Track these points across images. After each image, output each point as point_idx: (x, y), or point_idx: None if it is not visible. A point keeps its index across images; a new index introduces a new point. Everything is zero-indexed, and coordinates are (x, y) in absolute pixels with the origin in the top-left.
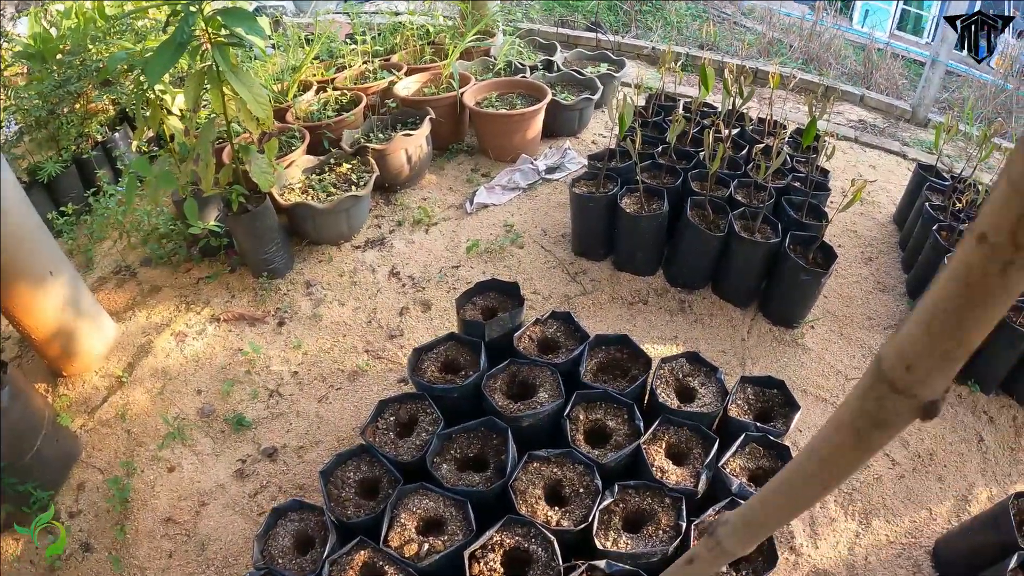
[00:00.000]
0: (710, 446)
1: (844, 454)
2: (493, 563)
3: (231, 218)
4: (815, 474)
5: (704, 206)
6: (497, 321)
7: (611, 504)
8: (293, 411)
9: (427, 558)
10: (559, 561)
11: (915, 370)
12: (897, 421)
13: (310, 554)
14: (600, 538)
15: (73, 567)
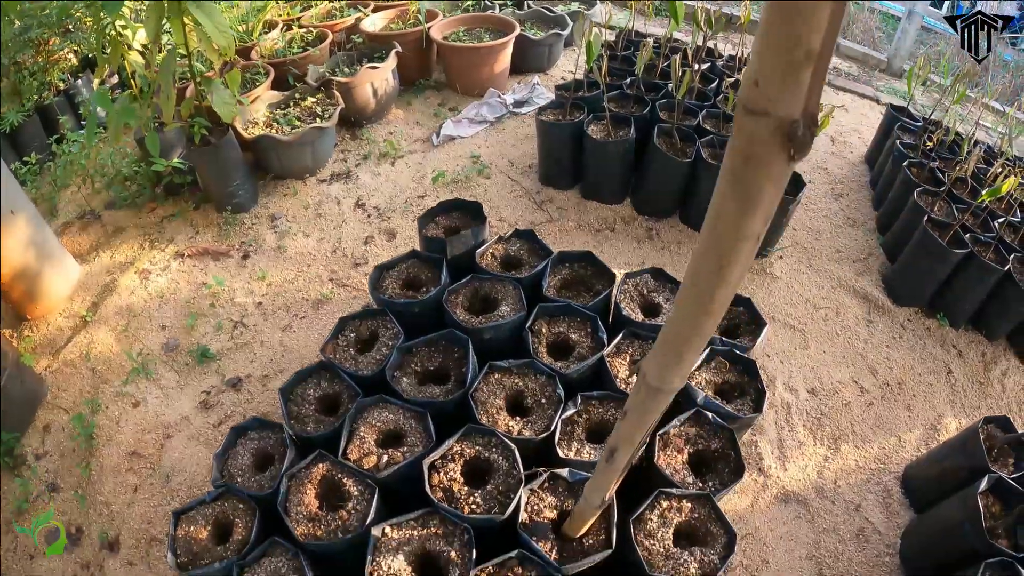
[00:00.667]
0: None
1: (729, 218)
2: (453, 472)
3: (194, 151)
4: (710, 252)
5: (671, 134)
6: (459, 238)
7: (574, 415)
8: (257, 341)
9: (386, 469)
10: (520, 469)
11: (764, 85)
12: (764, 152)
13: (269, 470)
14: (563, 447)
15: (40, 508)
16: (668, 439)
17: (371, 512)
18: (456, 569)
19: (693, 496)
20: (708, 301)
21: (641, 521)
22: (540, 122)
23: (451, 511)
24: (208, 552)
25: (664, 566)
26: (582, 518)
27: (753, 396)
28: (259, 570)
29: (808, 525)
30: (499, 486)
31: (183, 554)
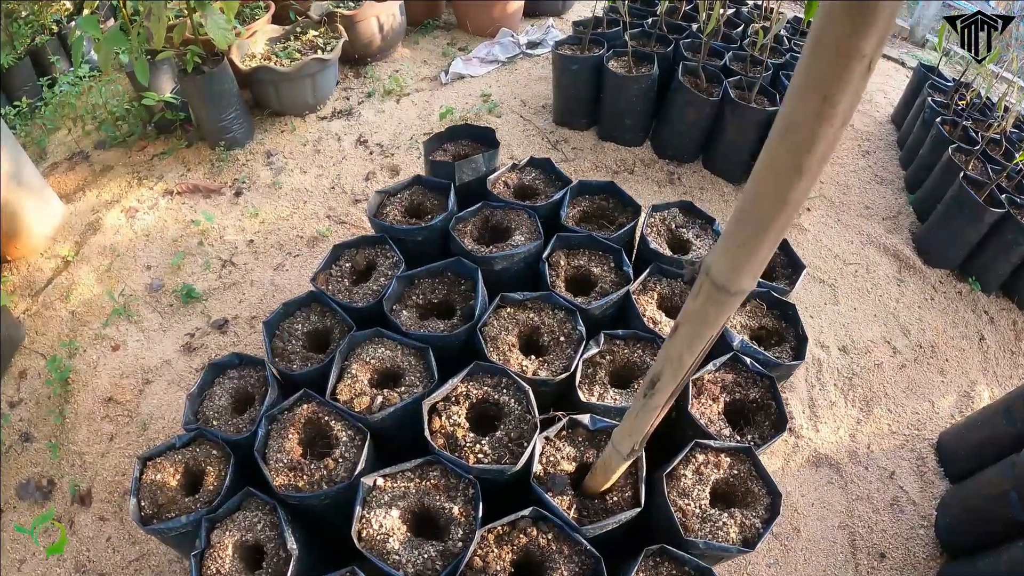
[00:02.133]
0: None
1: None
2: (457, 416)
3: (186, 80)
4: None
5: (697, 73)
6: (469, 162)
7: (596, 355)
8: (247, 280)
9: (380, 411)
10: (535, 413)
11: None
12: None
13: (248, 412)
14: (583, 391)
15: (12, 459)
16: (702, 386)
17: (361, 460)
18: (459, 529)
19: (732, 450)
20: (791, 178)
21: (674, 477)
22: (557, 55)
23: (454, 460)
24: (175, 503)
25: (700, 529)
26: (607, 470)
27: (793, 343)
28: (231, 525)
29: (841, 492)
30: (510, 433)
31: (148, 505)
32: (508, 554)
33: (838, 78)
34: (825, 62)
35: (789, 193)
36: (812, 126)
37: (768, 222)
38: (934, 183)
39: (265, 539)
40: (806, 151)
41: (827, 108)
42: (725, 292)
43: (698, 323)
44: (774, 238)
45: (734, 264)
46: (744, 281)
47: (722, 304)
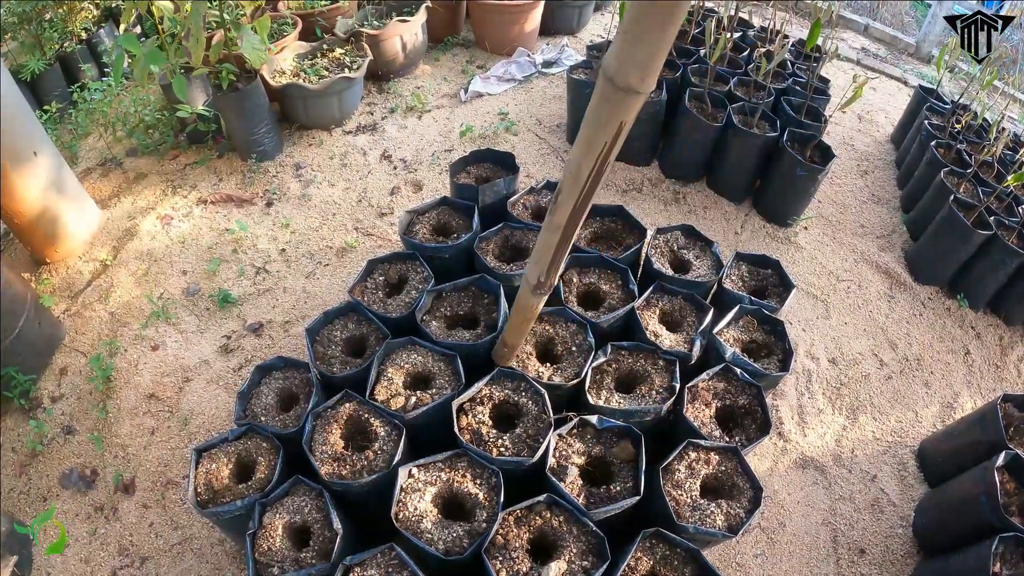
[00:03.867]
0: (704, 315)
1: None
2: (482, 415)
3: (220, 97)
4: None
5: (703, 98)
6: (491, 186)
7: (604, 364)
8: (280, 287)
9: (414, 410)
10: (550, 413)
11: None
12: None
13: (294, 410)
14: (592, 394)
15: (55, 450)
16: (696, 392)
17: (398, 453)
18: (484, 511)
19: (721, 449)
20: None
21: (669, 471)
22: (571, 79)
23: (480, 453)
24: (229, 490)
25: (691, 516)
26: (520, 310)
27: (780, 356)
28: (281, 508)
29: (825, 492)
30: (528, 430)
31: (203, 492)
32: (525, 533)
33: None
34: None
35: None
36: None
37: (649, 10)
38: (927, 204)
39: (312, 520)
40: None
41: None
42: (618, 89)
43: (594, 125)
44: (661, 25)
45: (628, 61)
46: (633, 77)
47: (615, 103)
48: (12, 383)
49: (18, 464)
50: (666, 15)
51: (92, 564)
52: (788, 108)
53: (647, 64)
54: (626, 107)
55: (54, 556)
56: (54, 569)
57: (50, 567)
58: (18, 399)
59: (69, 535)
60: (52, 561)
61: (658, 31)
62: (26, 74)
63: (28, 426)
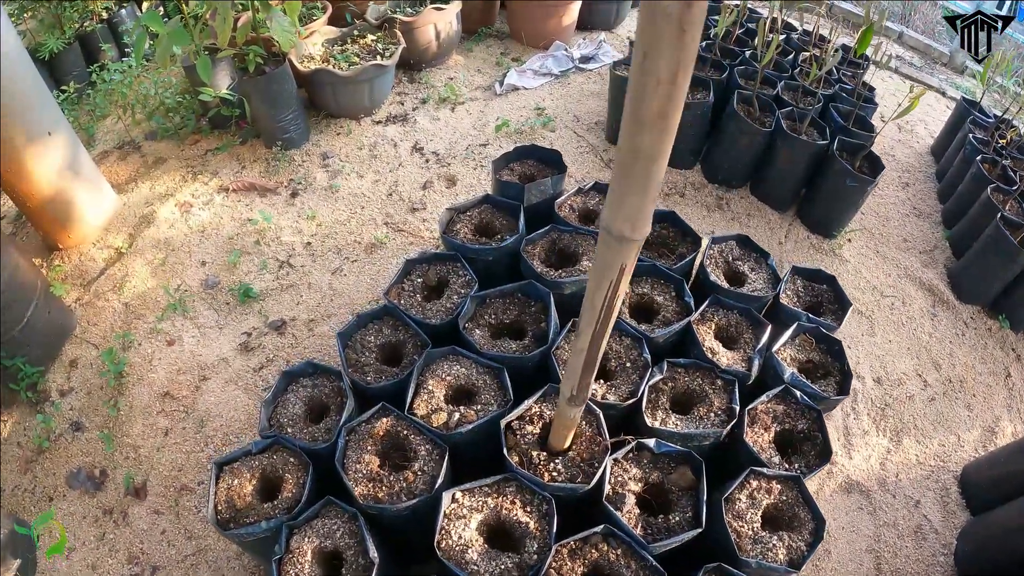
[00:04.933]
0: (760, 331)
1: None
2: (531, 436)
3: (246, 81)
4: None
5: (751, 101)
6: (538, 185)
7: (660, 382)
8: (304, 283)
9: (457, 427)
10: (606, 436)
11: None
12: None
13: (324, 422)
14: (648, 415)
15: (63, 447)
16: (756, 415)
17: (441, 475)
18: (534, 542)
19: (783, 477)
20: (635, 129)
21: (731, 500)
22: (615, 76)
23: (531, 478)
24: (253, 509)
25: (752, 550)
26: (559, 419)
27: (837, 378)
28: (311, 532)
29: (869, 517)
30: (582, 453)
31: (224, 510)
32: (580, 568)
33: (652, 38)
34: (644, 24)
35: (638, 142)
36: (641, 83)
37: (631, 173)
38: (971, 221)
39: (344, 546)
40: (640, 102)
41: (648, 63)
42: (614, 238)
43: (600, 268)
44: (640, 187)
45: (616, 212)
46: (625, 228)
47: (614, 250)
48: (19, 375)
49: (23, 460)
50: (644, 177)
51: (99, 571)
52: (836, 115)
53: (635, 217)
54: (624, 253)
55: (60, 561)
56: (59, 574)
57: (55, 571)
58: (25, 392)
59: (76, 538)
60: (57, 565)
61: (639, 191)
62: (44, 52)
63: (35, 420)
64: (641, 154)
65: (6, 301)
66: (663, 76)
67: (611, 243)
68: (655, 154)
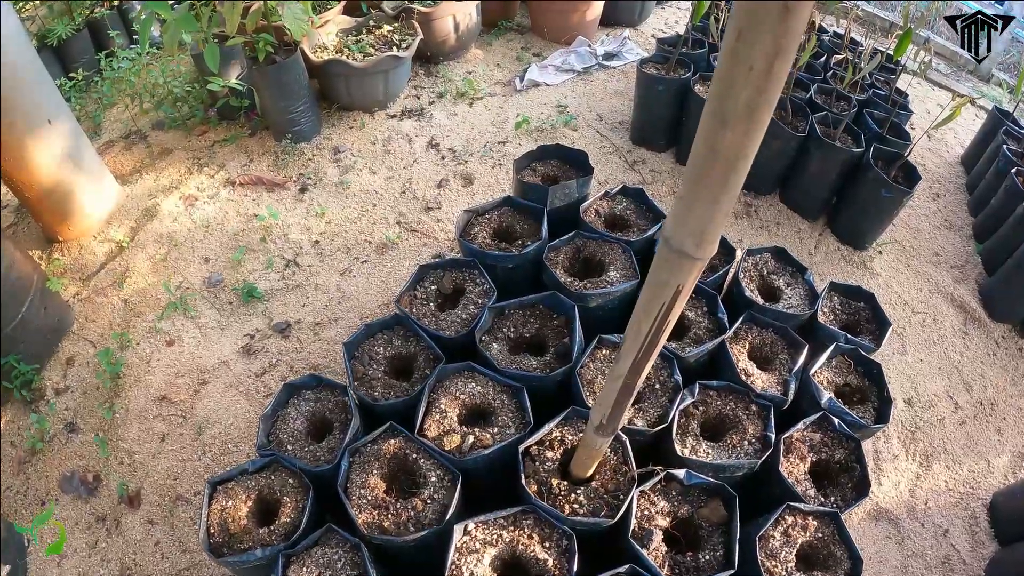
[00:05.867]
0: (796, 352)
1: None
2: (551, 463)
3: (256, 70)
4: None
5: (784, 105)
6: (562, 187)
7: (691, 405)
8: (311, 283)
9: (471, 452)
10: (632, 466)
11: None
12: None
13: (327, 440)
14: (678, 443)
15: (56, 449)
16: (791, 444)
17: (452, 504)
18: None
19: (820, 513)
20: (717, 129)
21: (764, 538)
22: (642, 75)
23: (550, 510)
24: (248, 534)
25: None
26: (585, 447)
27: (876, 403)
28: (310, 562)
29: (897, 547)
30: (606, 484)
31: (217, 533)
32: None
33: (750, 17)
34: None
35: (717, 141)
36: (730, 70)
37: (705, 177)
38: (1004, 237)
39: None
40: (725, 93)
41: (741, 47)
42: (673, 253)
43: (652, 286)
44: (712, 195)
45: (680, 224)
46: (688, 243)
47: (672, 267)
48: (13, 373)
49: (17, 461)
50: (719, 185)
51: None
52: (871, 122)
53: (702, 231)
54: (683, 271)
55: (50, 567)
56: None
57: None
58: (19, 390)
59: (68, 545)
60: (48, 572)
61: (710, 201)
62: (53, 39)
63: (29, 420)
64: (719, 156)
65: (1, 298)
66: (757, 64)
67: (670, 259)
68: (736, 157)
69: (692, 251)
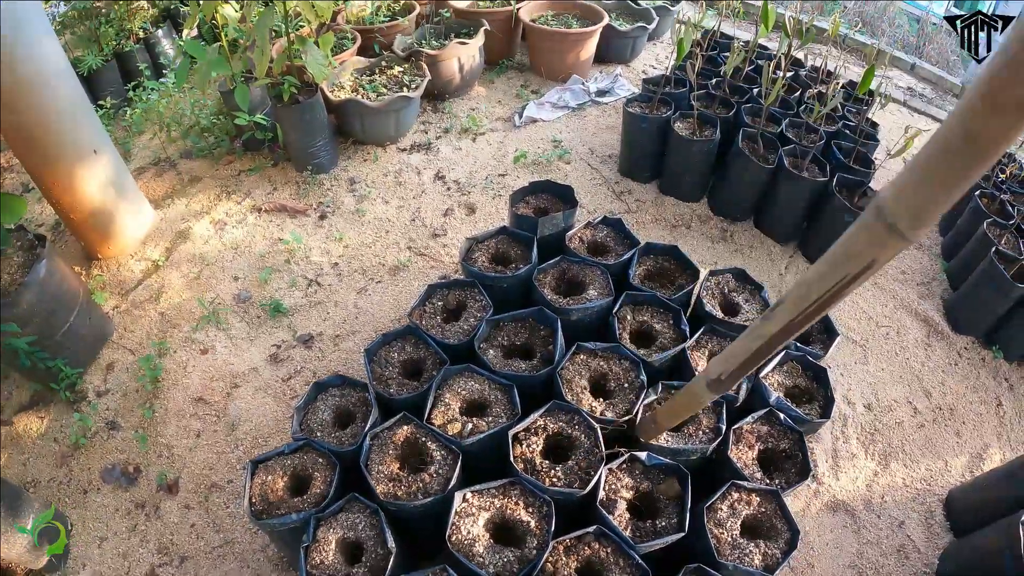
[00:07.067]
0: None
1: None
2: (535, 445)
3: (280, 109)
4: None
5: (756, 139)
6: (550, 219)
7: (654, 402)
8: (331, 301)
9: (470, 436)
10: (602, 448)
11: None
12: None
13: (350, 428)
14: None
15: (98, 445)
16: (741, 434)
17: (454, 477)
18: (534, 539)
19: (762, 491)
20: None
21: (713, 510)
22: (627, 113)
23: (533, 482)
24: (284, 503)
25: (731, 555)
26: (689, 396)
27: (821, 403)
28: (336, 524)
29: (853, 535)
30: (580, 462)
31: (258, 503)
32: (574, 562)
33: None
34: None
35: (980, 127)
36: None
37: (947, 155)
38: (968, 254)
39: (365, 538)
40: (1011, 79)
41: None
42: (881, 225)
43: (840, 255)
44: (949, 179)
45: (901, 195)
46: (901, 213)
47: (873, 238)
48: (60, 375)
49: (60, 455)
50: (960, 168)
51: (130, 560)
52: (838, 153)
53: (922, 210)
54: (883, 248)
55: (91, 548)
56: (91, 561)
57: (87, 559)
58: (64, 392)
59: (108, 528)
60: (89, 553)
61: (944, 184)
62: (83, 68)
63: (72, 418)
64: (978, 141)
65: (52, 307)
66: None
67: (874, 229)
68: (993, 145)
69: (904, 228)
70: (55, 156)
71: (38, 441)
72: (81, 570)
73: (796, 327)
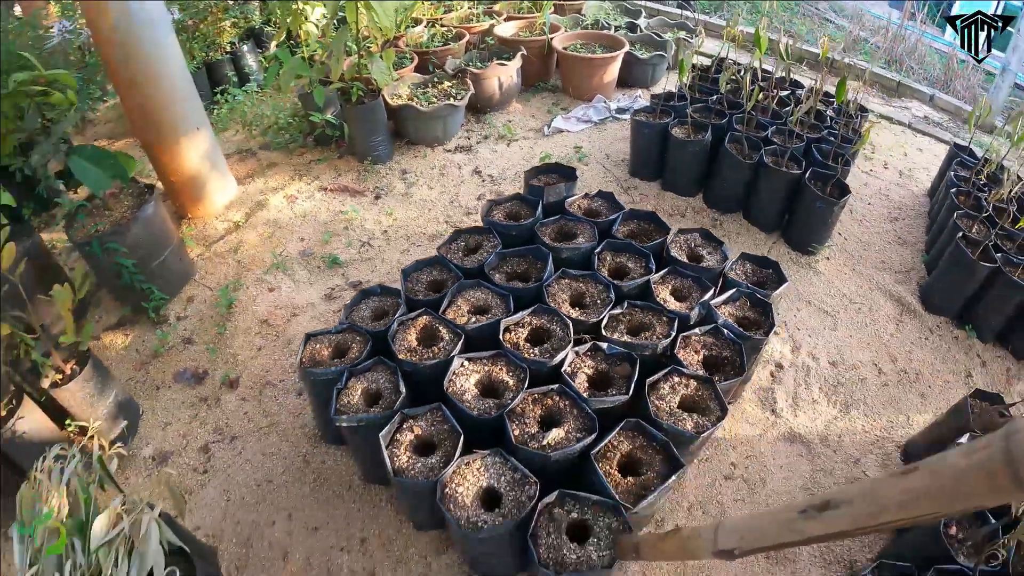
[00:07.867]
0: (707, 293)
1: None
2: (521, 334)
3: (349, 108)
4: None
5: (741, 141)
6: (554, 187)
7: (620, 314)
8: (379, 258)
9: (472, 325)
10: (571, 335)
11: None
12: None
13: (383, 321)
14: (608, 331)
15: (174, 355)
16: (688, 341)
17: (456, 349)
18: (511, 392)
19: (699, 378)
20: None
21: (655, 387)
22: (635, 121)
23: (516, 354)
24: (327, 362)
25: (667, 419)
26: (683, 546)
27: (764, 329)
28: (363, 378)
29: (807, 463)
30: (553, 346)
31: (308, 362)
32: (538, 409)
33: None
34: None
35: None
36: None
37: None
38: (942, 244)
39: (384, 388)
40: None
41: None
42: (1020, 487)
43: (939, 491)
44: None
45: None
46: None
47: (1002, 493)
48: (150, 296)
49: (139, 362)
50: None
51: (189, 438)
52: (817, 154)
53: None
54: (1003, 495)
55: (156, 431)
56: (154, 440)
57: (151, 439)
58: (151, 311)
59: (173, 416)
60: (153, 434)
61: None
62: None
63: (153, 336)
64: None
65: (153, 240)
66: None
67: (1002, 477)
68: None
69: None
70: (168, 129)
71: (121, 351)
72: (144, 447)
73: (842, 537)
